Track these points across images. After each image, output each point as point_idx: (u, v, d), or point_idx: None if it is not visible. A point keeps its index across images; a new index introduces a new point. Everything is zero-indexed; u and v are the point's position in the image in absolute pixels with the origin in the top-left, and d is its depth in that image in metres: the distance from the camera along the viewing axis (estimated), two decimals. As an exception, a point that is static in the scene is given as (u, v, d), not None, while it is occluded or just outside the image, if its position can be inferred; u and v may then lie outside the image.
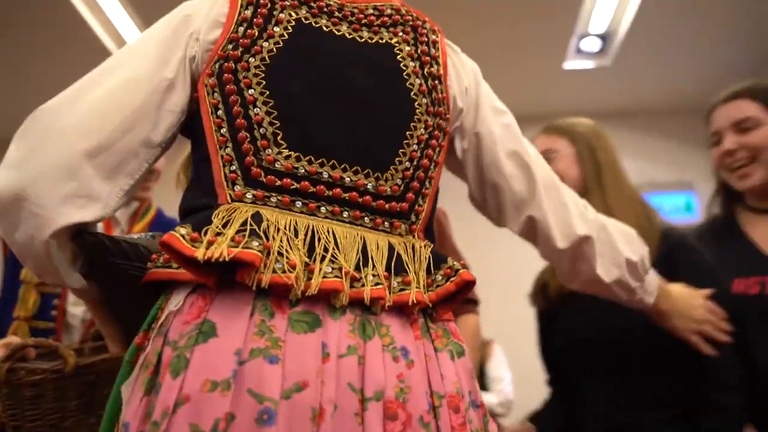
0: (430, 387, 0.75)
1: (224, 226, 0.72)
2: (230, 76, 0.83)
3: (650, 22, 3.30)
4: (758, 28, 3.45)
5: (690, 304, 1.27)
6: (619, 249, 1.07)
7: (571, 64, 3.77)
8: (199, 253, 0.68)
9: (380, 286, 0.77)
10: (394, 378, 0.73)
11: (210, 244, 0.69)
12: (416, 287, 0.79)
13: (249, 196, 0.79)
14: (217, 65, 0.84)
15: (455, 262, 0.84)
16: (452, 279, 0.82)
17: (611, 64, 3.73)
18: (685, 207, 4.43)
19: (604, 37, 3.52)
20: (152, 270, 0.79)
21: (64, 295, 1.49)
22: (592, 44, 3.56)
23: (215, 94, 0.83)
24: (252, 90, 0.82)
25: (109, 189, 0.80)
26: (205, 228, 0.71)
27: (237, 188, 0.79)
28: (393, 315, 0.78)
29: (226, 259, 0.68)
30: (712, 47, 3.63)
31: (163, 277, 0.77)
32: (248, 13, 0.87)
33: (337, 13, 0.91)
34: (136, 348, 0.76)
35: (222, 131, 0.82)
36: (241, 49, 0.84)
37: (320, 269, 0.73)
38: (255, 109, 0.82)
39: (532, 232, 1.04)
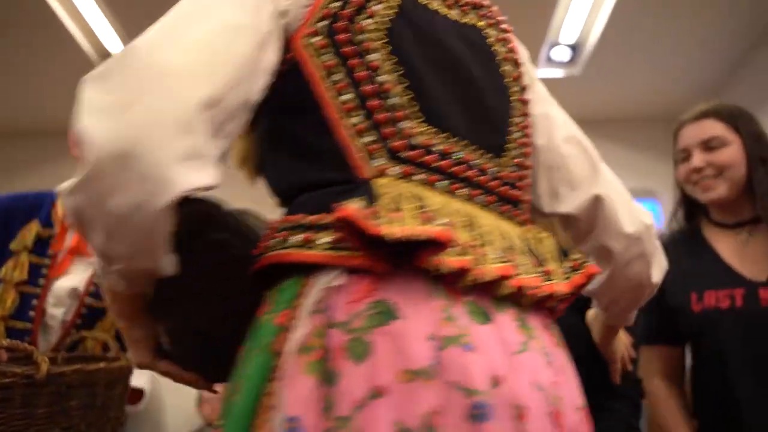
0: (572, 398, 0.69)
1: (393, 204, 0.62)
2: (346, 36, 0.72)
3: (619, 33, 3.36)
4: (722, 45, 3.53)
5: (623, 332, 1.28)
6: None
7: (541, 72, 3.81)
8: (388, 231, 0.57)
9: (534, 276, 0.69)
10: (551, 385, 0.66)
11: (390, 222, 0.58)
12: (557, 279, 0.72)
13: (394, 171, 0.69)
14: (322, 23, 0.72)
15: (580, 253, 0.77)
16: (580, 270, 0.75)
17: (581, 73, 3.78)
18: (649, 215, 4.52)
19: (575, 47, 3.56)
20: (285, 251, 0.65)
21: (44, 296, 1.46)
22: (562, 53, 3.59)
23: (327, 55, 0.71)
24: (376, 54, 0.72)
25: (215, 151, 0.63)
26: (371, 205, 0.60)
27: (379, 162, 0.69)
28: (533, 314, 0.70)
29: (421, 238, 0.58)
30: (677, 60, 3.71)
31: (306, 260, 0.63)
32: None
33: None
34: (278, 328, 0.62)
35: (345, 97, 0.70)
36: (352, 7, 0.73)
37: (485, 254, 0.65)
38: (383, 76, 0.71)
39: (594, 213, 0.92)
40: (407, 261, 0.61)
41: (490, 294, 0.65)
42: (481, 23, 0.86)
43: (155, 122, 0.58)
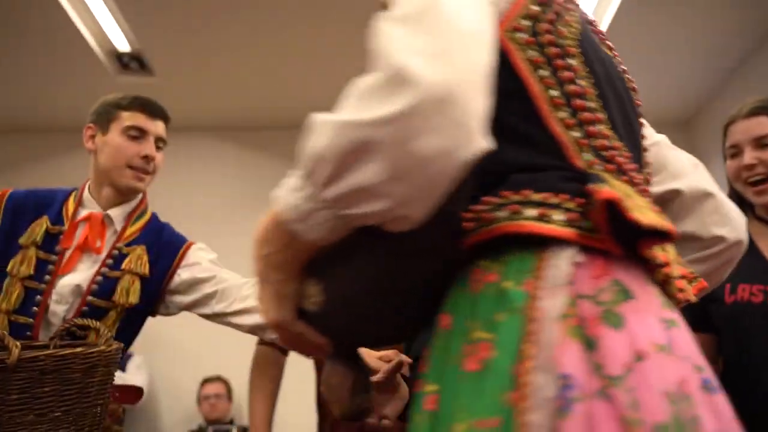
0: None
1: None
2: (550, 37, 0.76)
3: (624, 32, 3.34)
4: (724, 45, 3.51)
5: None
6: None
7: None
8: (642, 218, 0.64)
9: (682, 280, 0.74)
10: None
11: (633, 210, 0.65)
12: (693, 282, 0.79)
13: (600, 168, 0.73)
14: (526, 22, 0.76)
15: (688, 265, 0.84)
16: (695, 283, 0.82)
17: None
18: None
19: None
20: (521, 222, 0.68)
21: (49, 292, 1.48)
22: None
23: (533, 51, 0.75)
24: (574, 60, 0.77)
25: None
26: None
27: (587, 156, 0.73)
28: None
29: (663, 229, 0.66)
30: (679, 63, 3.69)
31: (547, 233, 0.66)
32: None
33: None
34: (527, 295, 0.64)
35: (553, 93, 0.75)
36: (552, 14, 0.78)
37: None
38: (582, 81, 0.77)
39: (698, 204, 1.03)
40: (630, 247, 0.67)
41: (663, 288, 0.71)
42: (618, 59, 0.92)
43: (472, 75, 0.60)
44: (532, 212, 0.68)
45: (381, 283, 0.72)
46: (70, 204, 1.59)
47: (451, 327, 0.68)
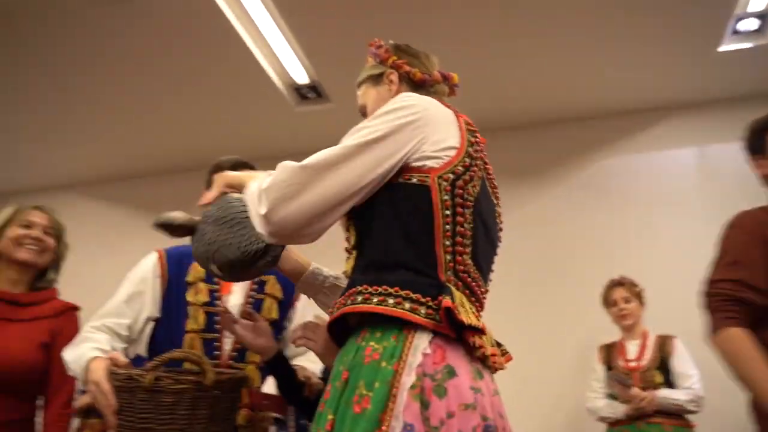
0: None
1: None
2: (461, 191, 1.18)
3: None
4: None
5: None
6: None
7: (728, 45, 3.50)
8: (466, 319, 1.07)
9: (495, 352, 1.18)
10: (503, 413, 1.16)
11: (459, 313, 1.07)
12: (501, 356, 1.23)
13: (454, 283, 1.14)
14: (451, 175, 1.18)
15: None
16: (505, 355, 1.24)
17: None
18: None
19: (763, 16, 3.23)
20: (390, 309, 1.08)
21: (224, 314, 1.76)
22: (749, 24, 3.30)
23: (447, 196, 1.17)
24: (468, 211, 1.18)
25: None
26: (453, 301, 1.08)
27: (448, 274, 1.14)
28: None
29: (479, 327, 1.10)
30: None
31: (407, 319, 1.07)
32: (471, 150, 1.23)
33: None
34: (395, 372, 1.04)
35: (447, 227, 1.15)
36: (467, 177, 1.19)
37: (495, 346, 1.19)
38: (467, 225, 1.18)
39: None
40: (458, 337, 1.09)
41: (482, 362, 1.13)
42: (497, 203, 1.36)
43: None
44: (407, 305, 1.08)
45: None
46: None
47: (348, 380, 1.07)
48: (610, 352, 3.30)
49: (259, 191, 1.13)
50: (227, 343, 1.74)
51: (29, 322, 2.07)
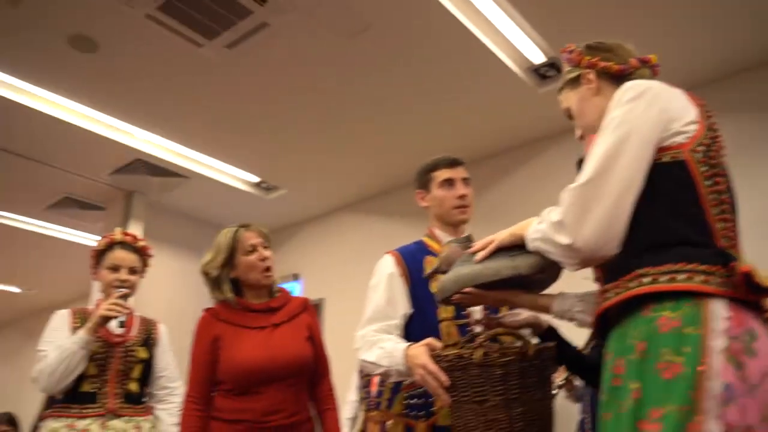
0: None
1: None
2: (715, 161, 1.24)
3: None
4: None
5: None
6: None
7: None
8: (766, 283, 1.08)
9: None
10: None
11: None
12: None
13: (731, 251, 1.19)
14: (702, 147, 1.25)
15: None
16: None
17: None
18: None
19: None
20: (684, 284, 1.12)
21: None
22: None
23: (704, 167, 1.23)
24: (723, 178, 1.24)
25: None
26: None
27: (724, 241, 1.19)
28: None
29: None
30: None
31: (703, 291, 1.11)
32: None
33: None
34: (701, 336, 1.07)
35: (711, 197, 1.21)
36: (718, 146, 1.27)
37: None
38: (725, 194, 1.24)
39: None
40: (754, 299, 1.13)
41: None
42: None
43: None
44: (699, 277, 1.12)
45: None
46: (433, 243, 2.08)
47: (647, 350, 1.11)
48: None
49: (551, 226, 1.25)
50: (476, 328, 1.83)
51: (289, 322, 2.32)
